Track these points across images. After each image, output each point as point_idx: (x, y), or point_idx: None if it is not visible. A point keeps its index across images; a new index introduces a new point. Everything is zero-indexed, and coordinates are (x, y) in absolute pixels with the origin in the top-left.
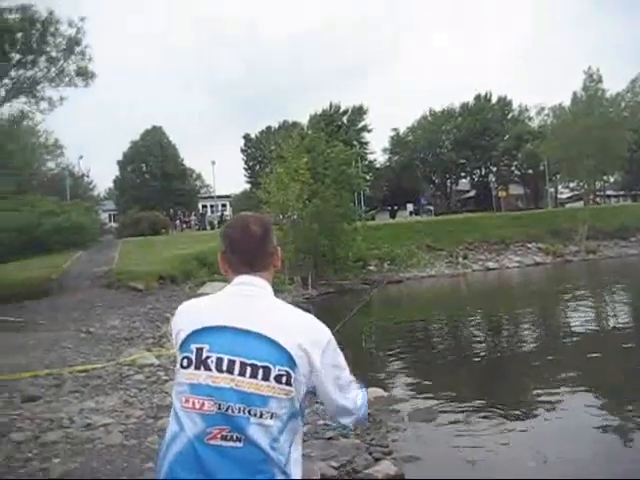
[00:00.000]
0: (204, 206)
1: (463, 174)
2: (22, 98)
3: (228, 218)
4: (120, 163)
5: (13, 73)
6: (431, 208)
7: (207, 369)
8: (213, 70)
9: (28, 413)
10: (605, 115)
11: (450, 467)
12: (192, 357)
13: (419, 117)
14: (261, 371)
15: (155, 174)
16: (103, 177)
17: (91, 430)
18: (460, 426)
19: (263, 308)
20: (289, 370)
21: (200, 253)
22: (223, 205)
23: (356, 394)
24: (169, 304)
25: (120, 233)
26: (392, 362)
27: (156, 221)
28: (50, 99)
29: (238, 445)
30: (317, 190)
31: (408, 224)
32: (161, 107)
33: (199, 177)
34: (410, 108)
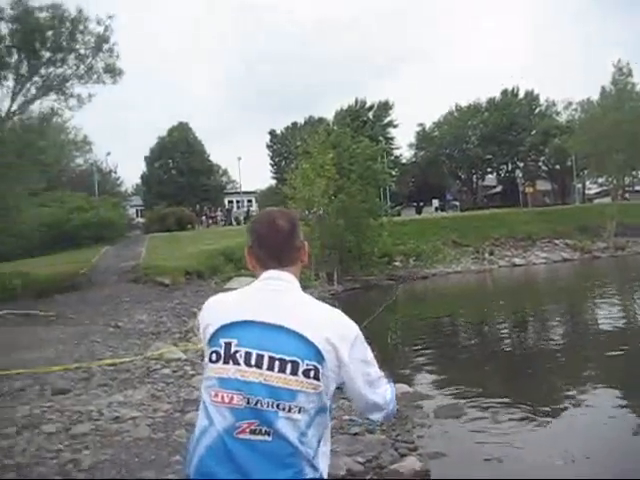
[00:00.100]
0: (230, 202)
1: (489, 169)
2: (52, 95)
3: (254, 214)
4: (147, 159)
5: (43, 71)
6: (457, 204)
7: (236, 363)
8: (239, 66)
9: (58, 405)
10: (636, 109)
11: (476, 464)
12: (221, 351)
13: (445, 112)
14: (289, 365)
15: (182, 170)
16: (130, 173)
17: (119, 423)
18: (486, 423)
19: (291, 303)
20: (317, 365)
21: (226, 248)
22: (249, 201)
23: (385, 389)
24: (196, 299)
25: (147, 228)
26: (418, 358)
27: (182, 217)
28: (79, 96)
29: (267, 439)
30: (343, 186)
31: (434, 220)
32: (188, 103)
33: (225, 173)
34: (436, 103)
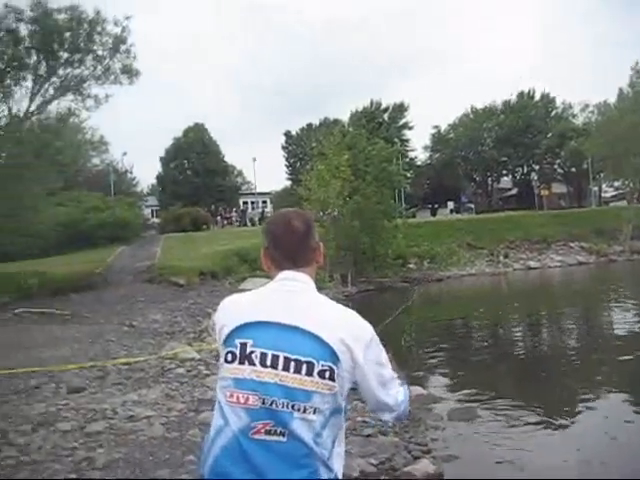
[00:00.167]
0: (245, 203)
1: (505, 172)
2: (69, 96)
3: (269, 215)
4: (163, 159)
5: (61, 72)
6: (472, 206)
7: (251, 364)
8: (255, 67)
9: (73, 403)
10: None
11: (489, 467)
12: (236, 352)
13: (460, 114)
14: (305, 366)
15: (197, 170)
16: (146, 173)
17: (134, 422)
18: (499, 426)
19: (306, 303)
20: (332, 365)
21: (241, 249)
22: (264, 202)
23: (397, 391)
24: (210, 299)
25: (162, 229)
26: (432, 360)
27: (198, 217)
28: (96, 96)
29: (282, 440)
30: (358, 187)
31: (449, 222)
32: (203, 104)
33: (240, 174)
34: (451, 105)
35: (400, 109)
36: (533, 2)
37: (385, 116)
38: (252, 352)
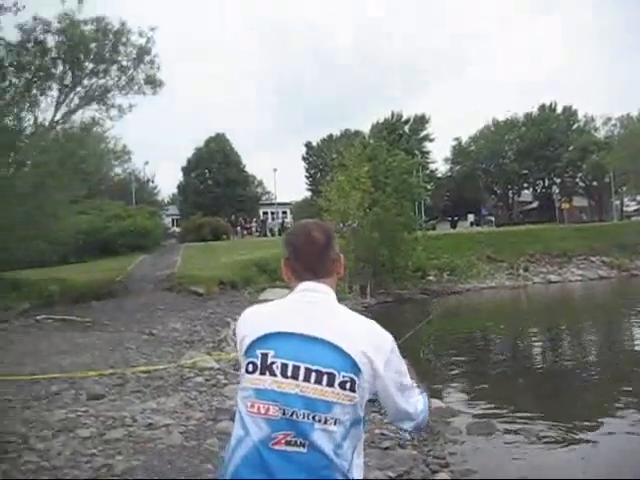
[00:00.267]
0: (265, 213)
1: (526, 185)
2: (94, 105)
3: (289, 225)
4: (184, 169)
5: (86, 81)
6: (492, 219)
7: (272, 374)
8: (276, 78)
9: (93, 410)
10: None
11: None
12: (257, 362)
13: (482, 127)
14: (326, 377)
15: (218, 180)
16: (167, 182)
17: (152, 430)
18: (519, 441)
19: (327, 314)
20: (353, 376)
21: (260, 259)
22: (284, 212)
23: (417, 399)
24: (229, 309)
25: (183, 238)
26: (450, 373)
27: (218, 227)
28: (120, 106)
29: (302, 450)
30: (378, 199)
31: (469, 234)
32: (225, 114)
33: (260, 184)
34: (472, 118)
35: (421, 121)
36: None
37: (406, 128)
38: (273, 363)
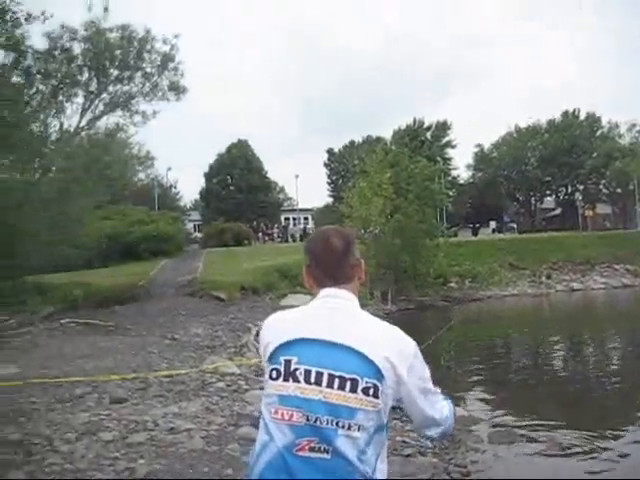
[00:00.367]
0: (287, 219)
1: (548, 192)
2: (118, 112)
3: (310, 231)
4: (206, 175)
5: (111, 88)
6: (514, 226)
7: (296, 381)
8: (298, 85)
9: (116, 414)
10: None
11: None
12: (281, 369)
13: (504, 133)
14: (349, 383)
15: (240, 186)
16: (190, 188)
17: (174, 434)
18: (541, 450)
19: (349, 320)
20: (377, 382)
21: (282, 265)
22: (305, 218)
23: (442, 405)
24: (251, 314)
25: (204, 243)
26: (471, 380)
27: (240, 232)
28: (144, 113)
29: (326, 457)
30: (400, 205)
31: (490, 242)
32: (247, 121)
33: (282, 190)
34: (495, 124)
35: (443, 127)
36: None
37: (428, 134)
38: (296, 369)
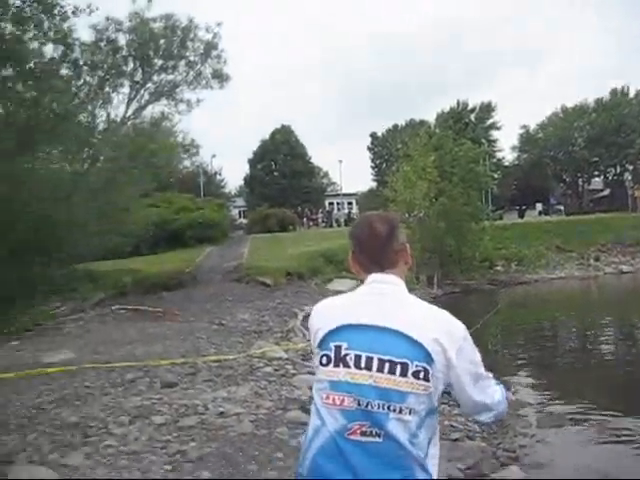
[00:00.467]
0: (331, 204)
1: (596, 173)
2: (163, 101)
3: (354, 216)
4: (250, 161)
5: (155, 78)
6: (561, 208)
7: (346, 366)
8: (341, 69)
9: (167, 398)
10: None
11: (581, 477)
12: (331, 355)
13: (550, 113)
14: (399, 367)
15: (284, 172)
16: (234, 175)
17: (224, 418)
18: (591, 434)
19: (397, 305)
20: (426, 366)
21: (327, 250)
22: (349, 203)
23: (494, 390)
24: (296, 300)
25: (249, 229)
26: (519, 364)
27: (284, 218)
28: (188, 101)
29: (377, 440)
30: (444, 189)
31: (537, 224)
32: (290, 106)
33: (326, 175)
34: (541, 104)
35: (487, 109)
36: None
37: (472, 116)
38: (346, 354)
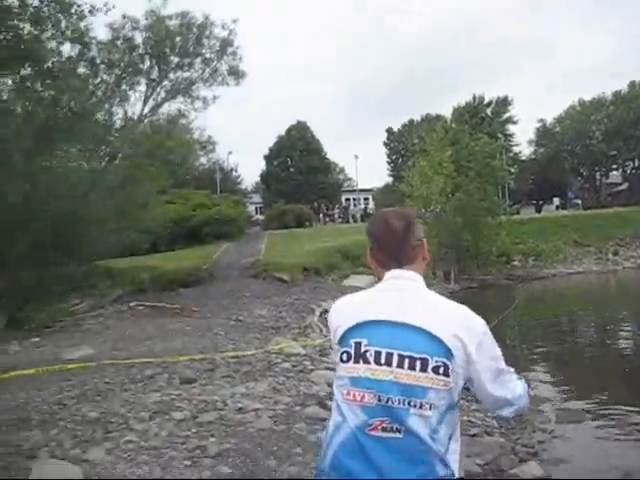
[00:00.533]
0: (347, 199)
1: (614, 166)
2: (179, 98)
3: (371, 212)
4: (266, 158)
5: (172, 75)
6: (579, 202)
7: (366, 362)
8: (356, 64)
9: (186, 394)
10: None
11: (601, 474)
12: (351, 351)
13: (567, 107)
14: (419, 363)
15: (300, 168)
16: (250, 171)
17: (243, 413)
18: (611, 430)
19: (416, 300)
20: (446, 361)
21: (343, 246)
22: (365, 199)
23: (515, 384)
24: (314, 295)
25: (266, 225)
26: (537, 359)
27: (300, 214)
28: (204, 98)
29: (398, 436)
30: (461, 183)
31: (554, 218)
32: (306, 102)
33: (342, 171)
34: (557, 98)
35: (504, 103)
36: None
37: (488, 111)
38: (366, 351)
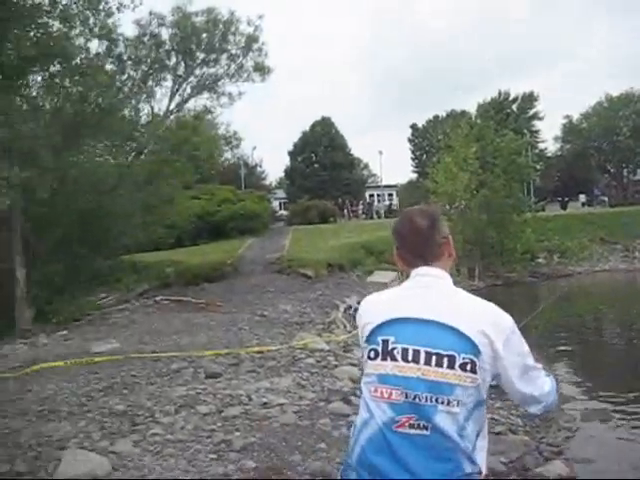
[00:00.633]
0: (371, 195)
1: None
2: (205, 94)
3: (395, 208)
4: (290, 153)
5: (198, 71)
6: (605, 199)
7: (393, 360)
8: (381, 60)
9: (211, 388)
10: None
11: (626, 474)
12: (379, 349)
13: (594, 103)
14: (446, 359)
15: (324, 164)
16: (274, 167)
17: (267, 408)
18: (637, 432)
19: (443, 297)
20: (473, 358)
21: (367, 242)
22: (390, 195)
23: (543, 381)
24: (338, 291)
25: (290, 221)
26: (562, 358)
27: (325, 210)
28: (230, 94)
29: (425, 433)
30: (486, 180)
31: (580, 216)
32: (331, 98)
33: (366, 167)
34: (584, 94)
35: (530, 99)
36: None
37: (514, 107)
38: (394, 348)
